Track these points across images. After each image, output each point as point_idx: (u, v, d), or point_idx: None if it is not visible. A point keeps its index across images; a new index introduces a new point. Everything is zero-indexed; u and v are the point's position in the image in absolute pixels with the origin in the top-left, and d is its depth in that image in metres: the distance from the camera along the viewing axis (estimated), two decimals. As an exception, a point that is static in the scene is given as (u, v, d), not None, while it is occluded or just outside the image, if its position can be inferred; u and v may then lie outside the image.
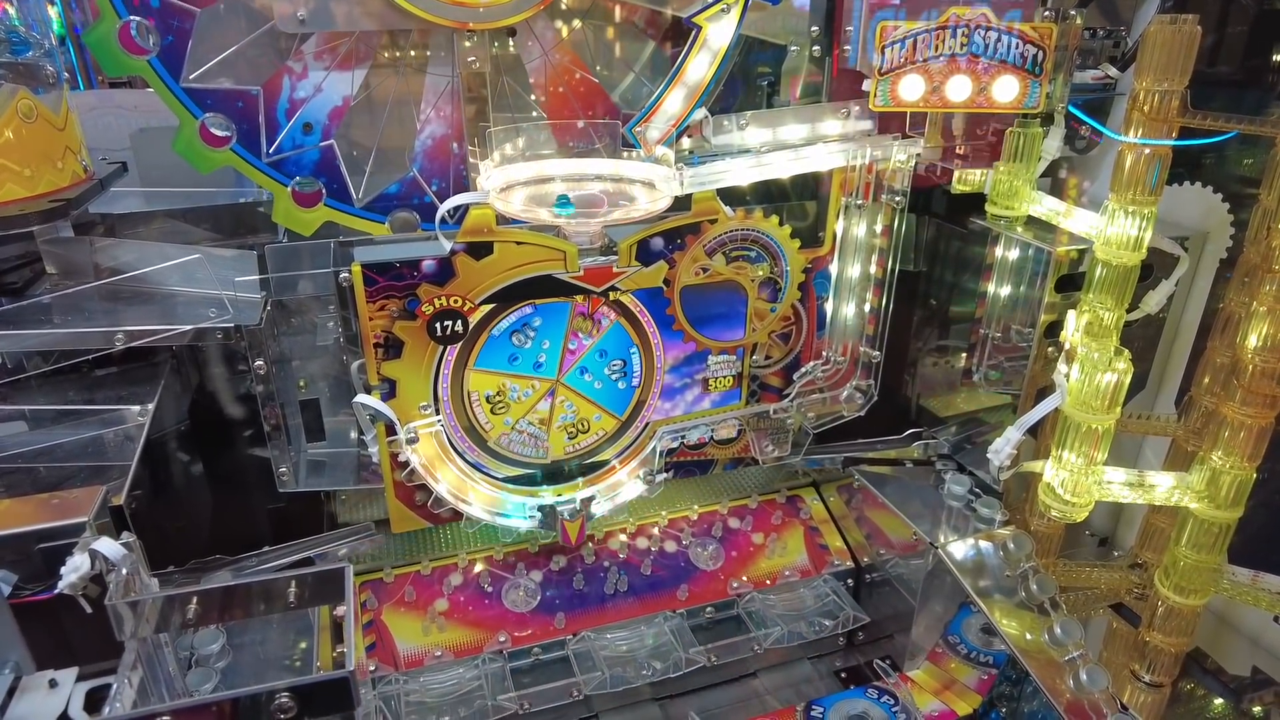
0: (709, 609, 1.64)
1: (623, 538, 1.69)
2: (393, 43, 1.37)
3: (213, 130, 1.29)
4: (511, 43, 1.41)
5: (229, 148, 1.30)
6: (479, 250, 1.32)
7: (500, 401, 1.46)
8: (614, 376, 1.52)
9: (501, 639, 1.52)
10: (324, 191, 1.37)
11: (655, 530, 1.72)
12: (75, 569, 1.00)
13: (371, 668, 1.44)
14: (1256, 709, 1.63)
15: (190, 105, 1.27)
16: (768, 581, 1.69)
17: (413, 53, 1.38)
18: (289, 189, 1.35)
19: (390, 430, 1.39)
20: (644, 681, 1.50)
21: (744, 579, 1.68)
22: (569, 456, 1.55)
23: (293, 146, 1.34)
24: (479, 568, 1.60)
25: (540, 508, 1.53)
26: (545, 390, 1.48)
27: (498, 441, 1.49)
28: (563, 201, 1.30)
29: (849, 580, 1.74)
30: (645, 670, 1.51)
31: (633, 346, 1.51)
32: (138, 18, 1.20)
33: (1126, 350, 1.32)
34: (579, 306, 1.44)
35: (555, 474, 1.56)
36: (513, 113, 1.44)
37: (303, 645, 1.35)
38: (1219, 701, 1.65)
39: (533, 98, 1.44)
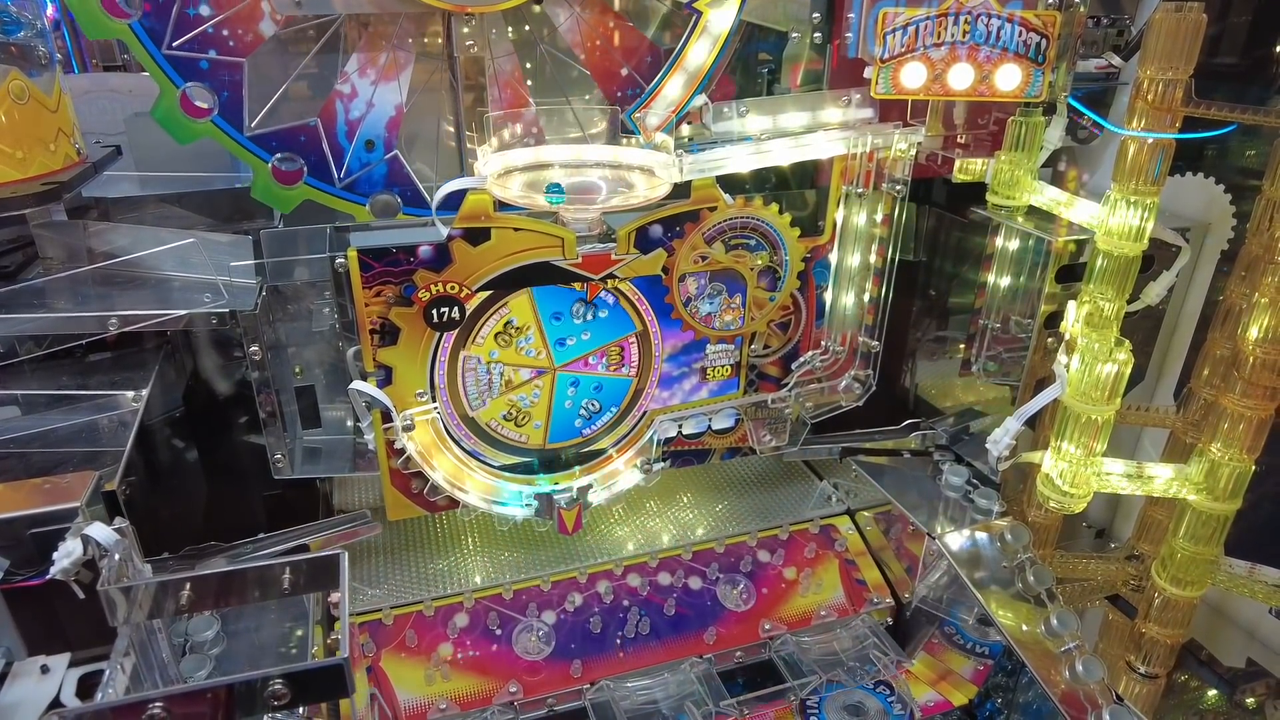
0: (738, 653, 1.53)
1: (643, 574, 1.58)
2: (427, 39, 1.36)
3: (284, 168, 1.32)
4: (531, 13, 1.40)
5: (303, 181, 1.33)
6: (476, 236, 1.31)
7: (509, 338, 1.40)
8: (583, 412, 1.51)
9: (512, 689, 1.42)
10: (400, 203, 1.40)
11: (679, 565, 1.60)
12: (68, 554, 0.99)
13: None
14: (1250, 700, 1.63)
15: (258, 151, 1.31)
16: (802, 622, 1.58)
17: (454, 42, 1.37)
18: (366, 206, 1.39)
19: (386, 417, 1.38)
20: None
21: (776, 619, 1.56)
22: (486, 428, 1.49)
23: (360, 166, 1.36)
24: (486, 608, 1.50)
25: (537, 496, 1.52)
26: (541, 366, 1.46)
27: (465, 362, 1.41)
28: (554, 189, 1.28)
29: (889, 618, 1.63)
30: None
31: (616, 406, 1.52)
32: (193, 83, 1.24)
33: (1127, 341, 1.32)
34: (628, 338, 1.45)
35: (552, 462, 1.56)
36: (561, 81, 1.44)
37: (298, 633, 1.34)
38: (1213, 693, 1.65)
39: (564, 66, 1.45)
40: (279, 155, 1.31)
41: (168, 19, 1.21)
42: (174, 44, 1.22)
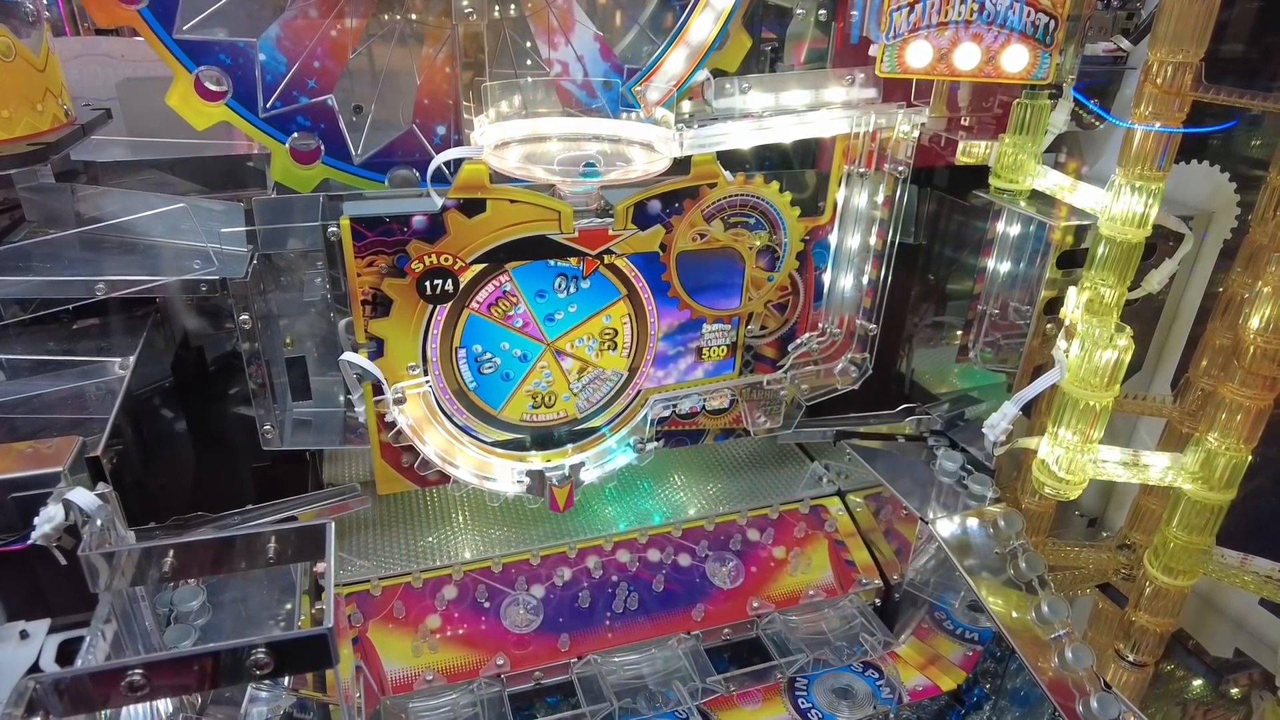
0: (726, 630, 1.53)
1: (633, 551, 1.57)
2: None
3: (301, 148, 1.36)
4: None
5: (321, 160, 1.39)
6: (471, 207, 1.29)
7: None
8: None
9: (499, 662, 1.42)
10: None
11: (668, 543, 1.59)
12: (49, 519, 0.98)
13: (357, 694, 1.34)
14: (1235, 691, 1.64)
15: (274, 133, 1.34)
16: (790, 601, 1.58)
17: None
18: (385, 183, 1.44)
19: (378, 390, 1.37)
20: (655, 713, 1.39)
21: (765, 598, 1.56)
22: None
23: None
24: (475, 581, 1.49)
25: (529, 473, 1.51)
26: (542, 354, 1.46)
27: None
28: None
29: (877, 599, 1.63)
30: (657, 701, 1.39)
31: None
32: (205, 66, 1.28)
33: (1128, 327, 1.31)
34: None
35: (544, 439, 1.54)
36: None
37: (286, 605, 1.33)
38: (1199, 682, 1.66)
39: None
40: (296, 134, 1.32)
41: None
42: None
